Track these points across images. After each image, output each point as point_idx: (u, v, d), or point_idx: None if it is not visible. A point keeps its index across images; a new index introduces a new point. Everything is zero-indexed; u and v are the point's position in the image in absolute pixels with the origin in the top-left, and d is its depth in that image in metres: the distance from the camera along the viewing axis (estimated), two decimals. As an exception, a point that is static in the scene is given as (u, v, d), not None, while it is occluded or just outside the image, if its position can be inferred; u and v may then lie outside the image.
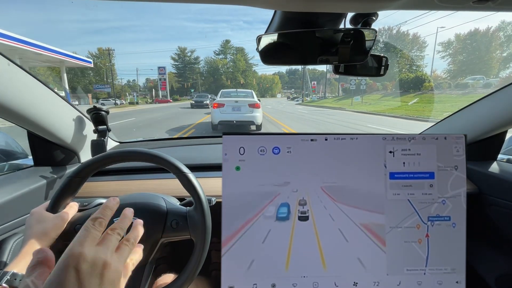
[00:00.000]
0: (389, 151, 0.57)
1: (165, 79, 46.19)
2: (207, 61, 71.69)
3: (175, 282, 0.57)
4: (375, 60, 0.69)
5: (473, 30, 40.77)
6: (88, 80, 45.51)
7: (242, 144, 0.56)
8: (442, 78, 40.65)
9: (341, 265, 0.55)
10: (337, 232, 0.55)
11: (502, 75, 37.27)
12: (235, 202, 0.55)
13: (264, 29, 0.64)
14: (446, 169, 0.58)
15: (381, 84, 34.78)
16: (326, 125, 10.03)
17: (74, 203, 0.62)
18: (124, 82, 65.62)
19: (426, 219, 0.57)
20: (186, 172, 0.60)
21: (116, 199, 0.39)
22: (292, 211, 0.55)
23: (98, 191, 0.86)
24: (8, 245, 0.64)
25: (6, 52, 0.61)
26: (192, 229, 0.58)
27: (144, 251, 0.57)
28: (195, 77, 68.04)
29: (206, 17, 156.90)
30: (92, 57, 43.53)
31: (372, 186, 0.56)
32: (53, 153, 0.85)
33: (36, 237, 0.51)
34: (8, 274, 0.45)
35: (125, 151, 0.60)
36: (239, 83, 65.41)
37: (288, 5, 0.44)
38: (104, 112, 0.95)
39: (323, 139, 0.57)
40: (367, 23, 0.53)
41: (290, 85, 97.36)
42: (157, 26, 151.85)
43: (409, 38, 43.71)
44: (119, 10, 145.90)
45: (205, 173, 0.93)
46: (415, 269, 0.56)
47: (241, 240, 0.55)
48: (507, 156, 1.03)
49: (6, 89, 0.61)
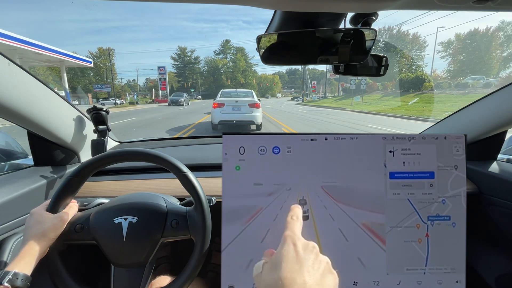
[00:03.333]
0: (389, 150, 0.57)
1: (165, 79, 46.15)
2: (207, 61, 71.70)
3: (175, 281, 0.57)
4: (375, 60, 0.69)
5: (473, 30, 40.78)
6: (88, 80, 45.47)
7: (242, 143, 0.56)
8: (442, 78, 40.64)
9: (341, 265, 0.55)
10: (337, 232, 0.55)
11: (502, 75, 37.28)
12: (235, 201, 0.55)
13: (264, 29, 0.64)
14: (446, 168, 0.58)
15: (381, 84, 34.78)
16: (326, 125, 10.03)
17: (74, 203, 0.62)
18: (124, 82, 65.63)
19: (426, 218, 0.57)
20: (186, 172, 0.60)
21: (299, 207, 0.46)
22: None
23: (98, 191, 0.86)
24: (8, 245, 0.64)
25: (6, 52, 0.61)
26: (192, 228, 0.59)
27: (144, 251, 0.57)
28: (195, 77, 68.01)
29: (206, 17, 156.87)
30: (92, 57, 43.49)
31: (372, 185, 0.56)
32: (53, 153, 0.85)
33: (36, 238, 0.51)
34: (9, 274, 0.45)
35: (125, 151, 0.60)
36: (239, 83, 65.35)
37: (288, 5, 0.44)
38: (104, 112, 0.95)
39: (323, 139, 0.57)
40: (367, 23, 0.53)
41: (290, 85, 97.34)
42: (157, 26, 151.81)
43: (409, 38, 43.70)
44: (119, 10, 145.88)
45: (205, 173, 0.93)
46: (415, 269, 0.57)
47: (240, 239, 0.55)
48: (507, 156, 1.03)
49: (6, 89, 0.61)
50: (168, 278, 0.74)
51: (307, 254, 0.35)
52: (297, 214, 0.43)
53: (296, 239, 0.37)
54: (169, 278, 0.73)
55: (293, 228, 0.39)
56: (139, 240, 0.57)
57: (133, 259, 0.57)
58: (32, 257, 0.49)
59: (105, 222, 0.58)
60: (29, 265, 0.49)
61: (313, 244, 0.37)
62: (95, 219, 0.59)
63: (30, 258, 0.49)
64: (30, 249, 0.50)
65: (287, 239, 0.37)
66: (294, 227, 0.39)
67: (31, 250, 0.50)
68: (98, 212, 0.60)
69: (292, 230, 0.39)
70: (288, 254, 0.34)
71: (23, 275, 0.47)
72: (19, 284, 0.45)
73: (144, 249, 0.57)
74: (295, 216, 0.42)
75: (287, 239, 0.37)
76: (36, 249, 0.50)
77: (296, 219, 0.42)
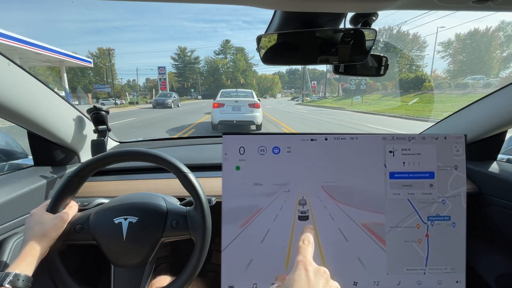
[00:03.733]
0: (389, 151, 0.57)
1: (165, 79, 46.15)
2: (207, 61, 71.65)
3: (175, 281, 0.57)
4: (375, 60, 0.69)
5: (473, 30, 40.76)
6: (88, 80, 45.45)
7: (242, 143, 0.56)
8: (442, 78, 40.64)
9: (341, 265, 0.55)
10: (337, 232, 0.55)
11: (502, 75, 37.27)
12: (235, 201, 0.55)
13: (264, 29, 0.64)
14: (446, 168, 0.58)
15: (381, 84, 34.78)
16: (326, 125, 10.03)
17: (74, 203, 0.62)
18: (124, 82, 65.60)
19: (426, 218, 0.57)
20: (186, 172, 0.60)
21: (311, 230, 0.46)
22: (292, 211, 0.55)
23: (98, 191, 0.86)
24: (8, 245, 0.64)
25: (6, 52, 0.61)
26: (192, 228, 0.58)
27: (144, 251, 0.57)
28: (195, 77, 68.00)
29: (206, 17, 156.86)
30: (92, 57, 43.46)
31: (372, 185, 0.56)
32: (53, 153, 0.85)
33: (36, 238, 0.51)
34: (10, 275, 0.45)
35: (125, 151, 0.60)
36: (239, 83, 65.34)
37: (288, 5, 0.44)
38: (104, 112, 0.95)
39: (323, 139, 0.57)
40: (367, 23, 0.53)
41: (290, 85, 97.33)
42: (157, 26, 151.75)
43: (409, 38, 43.69)
44: (119, 10, 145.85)
45: (205, 173, 0.93)
46: (415, 269, 0.57)
47: (240, 239, 0.55)
48: (507, 156, 1.03)
49: (6, 89, 0.61)
50: (168, 278, 0.73)
51: (317, 279, 0.36)
52: (309, 239, 0.43)
53: (308, 264, 0.38)
54: (169, 278, 0.73)
55: (305, 253, 0.40)
56: (139, 240, 0.57)
57: (133, 259, 0.57)
58: (33, 257, 0.49)
59: (105, 222, 0.58)
60: (30, 266, 0.49)
61: (324, 269, 0.39)
62: (95, 219, 0.59)
63: (31, 259, 0.49)
64: (31, 249, 0.50)
65: (299, 264, 0.38)
66: (306, 253, 0.40)
67: (32, 250, 0.50)
68: (98, 212, 0.60)
69: (304, 255, 0.40)
70: (300, 279, 0.36)
71: (24, 276, 0.47)
72: (21, 285, 0.46)
73: (144, 249, 0.57)
74: (306, 240, 0.43)
75: (299, 264, 0.38)
76: (37, 249, 0.50)
77: (308, 243, 0.42)
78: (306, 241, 0.43)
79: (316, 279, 0.36)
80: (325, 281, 0.37)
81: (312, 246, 0.43)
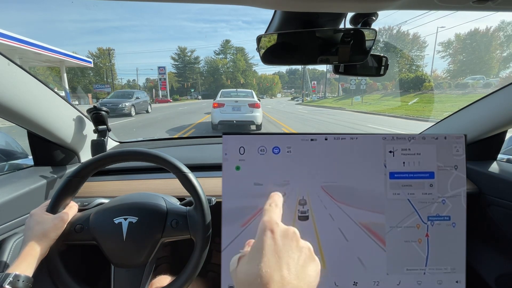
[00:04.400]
0: (389, 151, 0.57)
1: (165, 79, 46.18)
2: (207, 61, 71.65)
3: (175, 281, 0.57)
4: (375, 60, 0.69)
5: (473, 30, 40.78)
6: (88, 80, 45.43)
7: (242, 144, 0.56)
8: (442, 78, 40.67)
9: (341, 265, 0.55)
10: (337, 232, 0.55)
11: (502, 75, 37.29)
12: (235, 201, 0.55)
13: (264, 29, 0.64)
14: (446, 168, 0.58)
15: (381, 84, 34.78)
16: (326, 125, 10.03)
17: (74, 203, 0.62)
18: (124, 82, 65.66)
19: (426, 218, 0.57)
20: (186, 172, 0.60)
21: (279, 195, 0.43)
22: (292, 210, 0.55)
23: (98, 191, 0.86)
24: (8, 245, 0.64)
25: (6, 52, 0.61)
26: (192, 228, 0.59)
27: (144, 251, 0.57)
28: (195, 77, 67.99)
29: (206, 17, 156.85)
30: (92, 57, 43.47)
31: (372, 185, 0.56)
32: (53, 153, 0.85)
33: (36, 238, 0.51)
34: (10, 276, 0.45)
35: (125, 151, 0.60)
36: (239, 83, 65.34)
37: (288, 5, 0.44)
38: (104, 112, 0.95)
39: (323, 139, 0.57)
40: (367, 23, 0.53)
41: (290, 85, 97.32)
42: (157, 26, 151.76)
43: (409, 38, 43.70)
44: (119, 10, 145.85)
45: (205, 173, 0.93)
46: (415, 269, 0.57)
47: (240, 239, 0.55)
48: (507, 156, 1.03)
49: (6, 89, 0.61)
50: (168, 278, 0.74)
51: (286, 242, 0.32)
52: (276, 201, 0.40)
53: (274, 225, 0.34)
54: (169, 278, 0.73)
55: (271, 214, 0.36)
56: (139, 240, 0.57)
57: (133, 259, 0.57)
58: (33, 258, 0.49)
59: (105, 222, 0.58)
60: (30, 266, 0.49)
61: (293, 229, 0.34)
62: (95, 219, 0.59)
63: (31, 259, 0.49)
64: (31, 250, 0.50)
65: (264, 226, 0.34)
66: (272, 214, 0.36)
67: (32, 251, 0.50)
68: (98, 212, 0.60)
69: (270, 216, 0.36)
70: (266, 244, 0.31)
71: (24, 276, 0.47)
72: (21, 286, 0.45)
73: (144, 249, 0.57)
74: (273, 203, 0.39)
75: (264, 227, 0.34)
76: (37, 250, 0.50)
77: (275, 206, 0.38)
78: (273, 204, 0.39)
79: (284, 242, 0.32)
80: (295, 243, 0.33)
81: (280, 209, 0.39)
